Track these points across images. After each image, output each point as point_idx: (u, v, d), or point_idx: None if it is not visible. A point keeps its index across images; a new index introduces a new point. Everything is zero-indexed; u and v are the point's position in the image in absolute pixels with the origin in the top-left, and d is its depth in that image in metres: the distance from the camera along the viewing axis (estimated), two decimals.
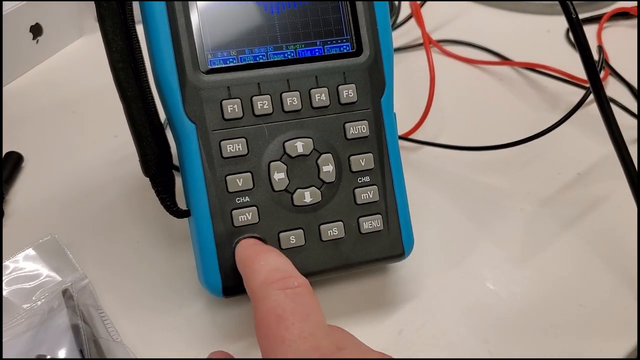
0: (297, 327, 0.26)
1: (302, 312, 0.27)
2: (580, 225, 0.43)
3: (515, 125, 0.52)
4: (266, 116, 0.33)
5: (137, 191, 0.44)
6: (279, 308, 0.27)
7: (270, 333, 0.26)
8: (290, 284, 0.28)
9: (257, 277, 0.28)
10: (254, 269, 0.29)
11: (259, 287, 0.28)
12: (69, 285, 0.35)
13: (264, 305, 0.27)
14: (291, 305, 0.27)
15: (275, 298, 0.27)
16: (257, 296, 0.28)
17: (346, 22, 0.35)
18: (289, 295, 0.27)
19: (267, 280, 0.28)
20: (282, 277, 0.28)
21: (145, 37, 0.34)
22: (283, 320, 0.26)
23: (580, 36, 0.34)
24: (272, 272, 0.28)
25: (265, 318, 0.27)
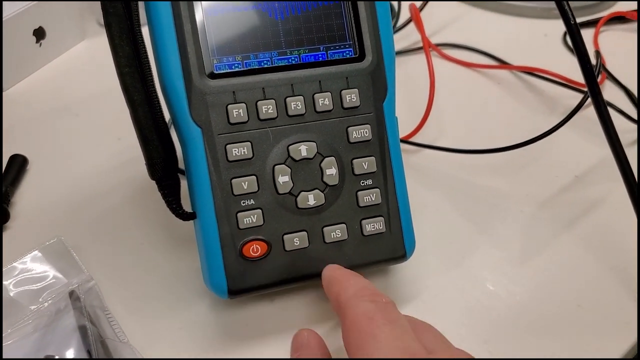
0: (388, 327, 0.27)
1: (391, 318, 0.28)
2: (578, 227, 0.44)
3: (513, 128, 0.53)
4: (271, 120, 0.34)
5: (140, 193, 0.44)
6: (369, 312, 0.28)
7: (361, 331, 0.27)
8: (379, 299, 0.29)
9: (348, 292, 0.30)
10: (345, 286, 0.31)
11: (350, 298, 0.30)
12: (75, 287, 0.36)
13: (355, 311, 0.29)
14: (380, 312, 0.28)
15: (365, 306, 0.29)
16: (347, 305, 0.29)
17: (349, 28, 0.35)
18: (378, 305, 0.29)
19: (357, 294, 0.30)
20: (372, 293, 0.30)
21: (151, 42, 0.34)
22: (374, 321, 0.28)
23: (578, 42, 0.35)
24: (362, 289, 0.30)
25: (356, 321, 0.28)
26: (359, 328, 0.28)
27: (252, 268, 0.34)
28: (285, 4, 0.34)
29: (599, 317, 0.37)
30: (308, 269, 0.34)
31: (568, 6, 0.34)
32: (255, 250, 0.34)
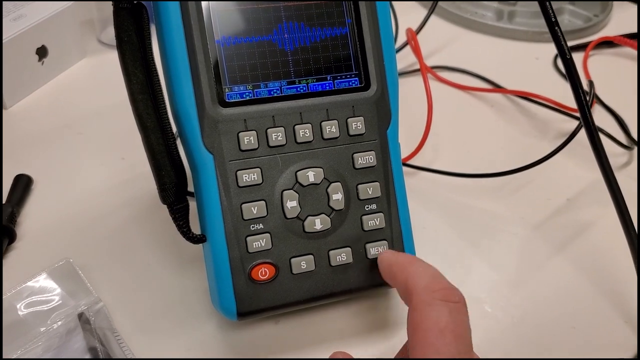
0: (454, 345, 0.28)
1: (459, 332, 0.29)
2: (571, 249, 0.45)
3: (506, 151, 0.54)
4: (280, 147, 0.35)
5: (146, 213, 0.45)
6: (441, 322, 0.29)
7: (428, 340, 0.28)
8: (452, 297, 0.30)
9: (420, 280, 0.31)
10: (414, 271, 0.32)
11: (423, 290, 0.30)
12: (84, 309, 0.36)
13: (429, 313, 0.29)
14: (452, 323, 0.29)
15: (439, 309, 0.29)
16: (421, 299, 0.30)
17: (355, 59, 0.37)
18: (451, 311, 0.29)
19: (430, 287, 0.30)
20: (444, 287, 0.30)
21: (163, 70, 0.35)
22: (443, 336, 0.28)
23: (573, 74, 0.36)
24: (433, 278, 0.31)
25: (427, 328, 0.29)
26: (426, 337, 0.29)
27: (260, 291, 0.35)
28: (295, 35, 0.36)
29: (593, 338, 0.39)
30: (314, 292, 0.35)
31: (564, 41, 0.36)
32: (264, 274, 0.35)
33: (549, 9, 0.35)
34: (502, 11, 0.72)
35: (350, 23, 0.36)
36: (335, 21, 0.36)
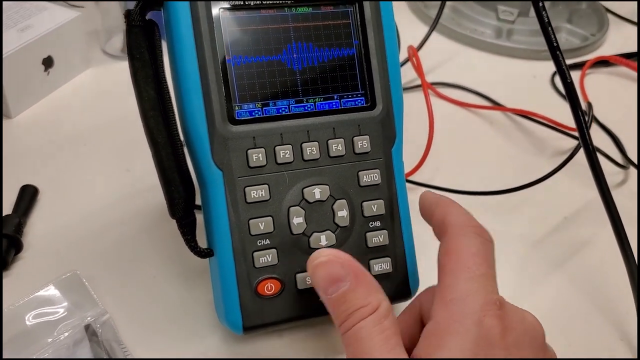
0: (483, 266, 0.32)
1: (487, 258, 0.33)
2: (568, 267, 0.46)
3: (505, 168, 0.55)
4: (287, 164, 0.36)
5: (151, 225, 0.46)
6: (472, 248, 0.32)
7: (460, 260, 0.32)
8: (484, 233, 0.33)
9: (458, 217, 0.34)
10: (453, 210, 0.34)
11: (459, 224, 0.33)
12: (91, 320, 0.37)
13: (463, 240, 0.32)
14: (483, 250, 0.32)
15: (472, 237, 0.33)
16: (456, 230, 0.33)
17: (361, 78, 0.37)
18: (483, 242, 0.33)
19: (466, 222, 0.33)
20: (478, 225, 0.33)
21: (174, 87, 0.36)
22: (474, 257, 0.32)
23: (574, 98, 0.37)
24: (468, 217, 0.34)
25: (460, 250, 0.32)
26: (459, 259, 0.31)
27: (266, 305, 0.35)
28: (303, 55, 0.36)
29: (589, 356, 0.40)
30: (319, 307, 0.35)
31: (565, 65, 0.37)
32: (270, 289, 0.35)
33: (551, 34, 0.36)
34: (501, 29, 0.73)
35: (357, 44, 0.37)
36: (342, 42, 0.37)
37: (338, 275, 0.31)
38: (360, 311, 0.30)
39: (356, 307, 0.30)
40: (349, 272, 0.31)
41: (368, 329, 0.30)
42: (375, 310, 0.30)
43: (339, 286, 0.31)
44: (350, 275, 0.31)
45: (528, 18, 0.74)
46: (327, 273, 0.31)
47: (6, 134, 0.53)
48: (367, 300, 0.30)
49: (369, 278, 0.32)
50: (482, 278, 0.31)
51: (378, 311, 0.30)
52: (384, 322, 0.30)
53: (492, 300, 0.30)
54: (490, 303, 0.30)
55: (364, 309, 0.30)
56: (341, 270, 0.31)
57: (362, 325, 0.30)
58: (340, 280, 0.31)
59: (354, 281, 0.31)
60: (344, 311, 0.31)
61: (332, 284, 0.31)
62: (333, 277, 0.31)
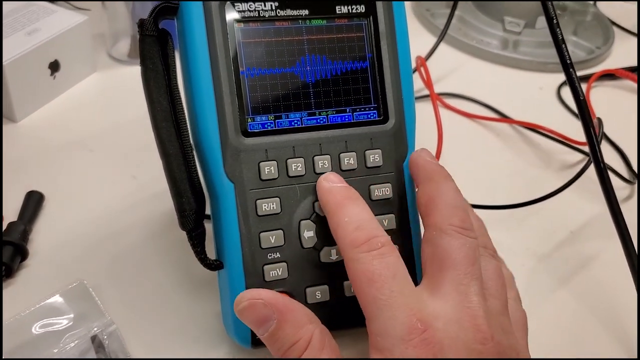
0: (387, 287, 0.30)
1: (389, 273, 0.30)
2: (574, 282, 0.46)
3: (512, 181, 0.55)
4: (299, 177, 0.36)
5: (158, 233, 0.45)
6: (368, 272, 0.30)
7: (363, 293, 0.30)
8: (374, 245, 0.31)
9: (344, 238, 0.32)
10: (339, 224, 0.32)
11: (348, 248, 0.31)
12: (97, 331, 0.36)
13: (355, 267, 0.31)
14: (379, 268, 0.30)
15: (364, 261, 0.31)
16: (347, 256, 0.31)
17: (374, 92, 0.37)
18: (375, 257, 0.30)
19: (353, 243, 0.31)
20: (367, 238, 0.31)
21: (186, 98, 0.36)
22: (373, 282, 0.30)
23: (586, 115, 0.37)
24: (356, 232, 0.32)
25: (358, 280, 0.30)
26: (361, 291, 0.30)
27: None
28: (317, 68, 0.36)
29: None
30: (328, 322, 0.35)
31: (579, 84, 0.37)
32: None
33: (564, 50, 0.36)
34: (507, 40, 0.73)
35: (371, 57, 0.37)
36: (356, 55, 0.37)
37: (263, 316, 0.31)
38: (294, 349, 0.30)
39: (288, 344, 0.31)
40: (273, 310, 0.31)
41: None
42: (309, 343, 0.30)
43: (266, 327, 0.31)
44: (275, 314, 0.31)
45: (534, 30, 0.74)
46: (252, 316, 0.32)
47: (11, 138, 0.53)
48: (298, 336, 0.31)
49: (296, 311, 0.32)
50: (397, 299, 0.29)
51: (312, 344, 0.30)
52: (322, 354, 0.30)
53: (412, 326, 0.29)
54: (411, 330, 0.28)
55: (297, 345, 0.30)
56: (264, 310, 0.31)
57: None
58: (266, 320, 0.31)
59: (280, 318, 0.31)
60: (279, 349, 0.31)
61: (260, 326, 0.31)
62: (259, 319, 0.31)
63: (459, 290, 0.30)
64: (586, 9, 0.82)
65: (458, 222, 0.32)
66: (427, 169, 0.35)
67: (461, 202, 0.34)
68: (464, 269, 0.31)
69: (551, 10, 0.35)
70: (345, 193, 0.34)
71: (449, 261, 0.31)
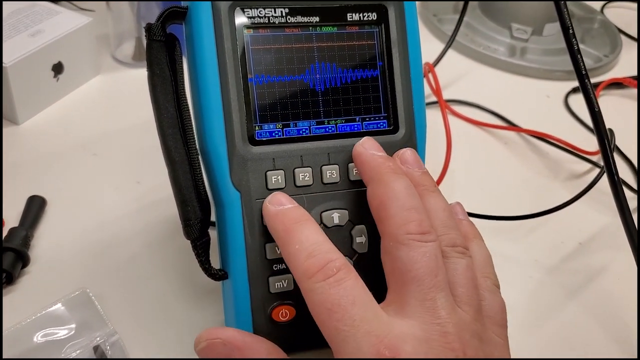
0: (348, 317, 0.28)
1: (348, 301, 0.28)
2: (583, 295, 0.45)
3: (519, 191, 0.54)
4: (306, 187, 0.35)
5: (161, 241, 0.45)
6: (327, 302, 0.28)
7: (325, 325, 0.28)
8: (329, 272, 0.29)
9: (297, 268, 0.30)
10: (291, 253, 0.30)
11: (302, 279, 0.29)
12: (100, 341, 0.36)
13: (312, 299, 0.29)
14: (337, 297, 0.28)
15: (320, 291, 0.29)
16: (303, 287, 0.30)
17: (384, 101, 0.37)
18: (332, 285, 0.28)
19: (307, 273, 0.29)
20: (320, 266, 0.29)
21: (193, 105, 0.35)
22: (333, 313, 0.28)
23: (600, 127, 0.37)
24: (308, 260, 0.29)
25: (317, 312, 0.29)
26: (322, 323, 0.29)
27: (279, 332, 0.34)
28: (326, 76, 0.35)
29: None
30: None
31: (594, 94, 0.36)
32: (284, 315, 0.34)
33: (580, 61, 0.36)
34: (514, 47, 0.72)
35: (381, 66, 0.36)
36: (367, 63, 0.36)
37: (223, 355, 0.31)
38: None
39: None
40: (232, 348, 0.31)
41: None
42: None
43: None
44: (235, 351, 0.31)
45: (541, 37, 0.74)
46: (213, 355, 0.31)
47: (13, 141, 0.52)
48: None
49: (255, 349, 0.31)
50: (361, 327, 0.28)
51: None
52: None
53: (380, 353, 0.27)
54: (380, 357, 0.27)
55: None
56: (223, 349, 0.31)
57: None
58: (228, 357, 0.31)
59: (239, 355, 0.31)
60: None
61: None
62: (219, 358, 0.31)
63: (425, 307, 0.29)
64: (593, 16, 0.81)
65: (414, 228, 0.30)
66: (373, 165, 0.33)
67: (415, 202, 0.31)
68: (427, 283, 0.29)
69: (567, 19, 0.35)
70: (294, 216, 0.32)
71: (410, 275, 0.29)
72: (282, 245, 0.31)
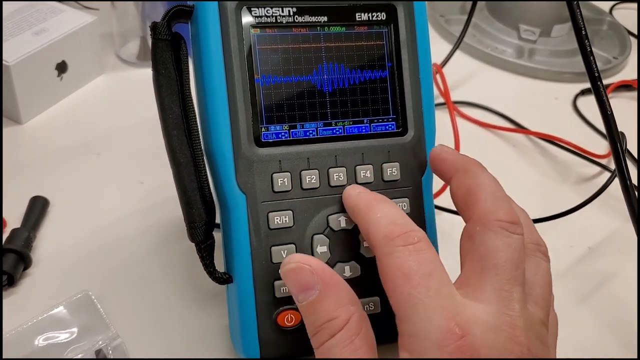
0: (423, 285, 0.27)
1: (426, 270, 0.28)
2: (593, 301, 0.44)
3: (528, 195, 0.53)
4: (313, 190, 0.34)
5: (163, 244, 0.44)
6: (404, 267, 0.28)
7: (397, 290, 0.28)
8: (411, 239, 0.29)
9: (378, 232, 0.30)
10: (372, 221, 0.30)
11: (382, 242, 0.29)
12: (102, 345, 0.35)
13: (389, 262, 0.29)
14: (415, 264, 0.28)
15: (399, 255, 0.28)
16: (381, 251, 0.29)
17: (393, 103, 0.36)
18: (412, 252, 0.28)
19: (388, 236, 0.29)
20: (402, 232, 0.29)
21: (198, 106, 0.34)
22: (409, 279, 0.28)
23: (613, 131, 0.36)
24: (391, 226, 0.30)
25: (391, 276, 0.28)
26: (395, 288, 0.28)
27: (285, 337, 0.34)
28: (334, 76, 0.35)
29: None
30: None
31: (606, 97, 0.35)
32: (290, 320, 0.34)
33: (592, 64, 0.35)
34: (522, 48, 0.72)
35: (390, 67, 0.36)
36: (375, 64, 0.36)
37: (307, 283, 0.29)
38: (328, 325, 0.28)
39: (324, 319, 0.29)
40: (317, 280, 0.29)
41: (338, 350, 0.28)
42: (345, 324, 0.28)
43: (307, 295, 0.29)
44: (319, 284, 0.29)
45: (550, 38, 0.73)
46: (296, 280, 0.30)
47: (16, 141, 0.52)
48: (336, 313, 0.29)
49: (340, 288, 0.30)
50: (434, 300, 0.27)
51: (348, 326, 0.28)
52: (355, 341, 0.28)
53: (450, 331, 0.26)
54: (448, 336, 0.26)
55: (333, 322, 0.28)
56: (310, 278, 0.29)
57: (331, 345, 0.28)
58: (309, 288, 0.29)
59: (323, 290, 0.29)
60: (313, 322, 0.29)
61: (301, 292, 0.29)
62: (302, 285, 0.29)
63: (500, 296, 0.28)
64: (602, 17, 0.80)
65: (504, 216, 0.30)
66: (459, 160, 0.33)
67: (505, 194, 0.32)
68: (507, 274, 0.28)
69: (580, 21, 0.34)
70: (375, 196, 0.32)
71: (491, 263, 0.29)
72: (362, 217, 0.31)
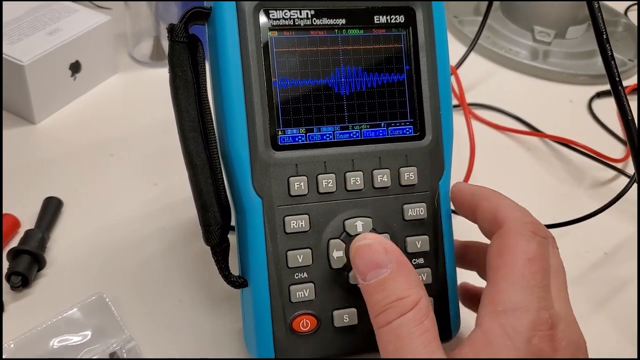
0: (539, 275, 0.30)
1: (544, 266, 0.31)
2: (610, 306, 0.44)
3: (543, 199, 0.53)
4: (329, 194, 0.34)
5: (178, 245, 0.44)
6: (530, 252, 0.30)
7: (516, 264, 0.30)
8: (541, 231, 0.32)
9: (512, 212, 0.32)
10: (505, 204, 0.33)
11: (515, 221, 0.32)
12: (117, 348, 0.35)
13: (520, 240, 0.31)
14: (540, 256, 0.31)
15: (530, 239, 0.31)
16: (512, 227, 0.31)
17: (411, 106, 0.36)
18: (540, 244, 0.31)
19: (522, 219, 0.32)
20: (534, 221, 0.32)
21: (215, 109, 0.34)
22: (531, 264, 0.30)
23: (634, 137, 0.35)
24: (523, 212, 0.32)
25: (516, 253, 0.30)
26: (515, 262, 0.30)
27: (300, 342, 0.34)
28: (352, 79, 0.35)
29: None
30: (356, 347, 0.34)
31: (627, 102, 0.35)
32: (305, 325, 0.34)
33: (613, 67, 0.34)
34: (537, 50, 0.71)
35: (408, 70, 0.35)
36: (393, 67, 0.35)
37: (379, 261, 0.30)
38: (399, 303, 0.29)
39: (394, 297, 0.29)
40: (391, 259, 0.29)
41: (409, 328, 0.28)
42: (416, 305, 0.29)
43: (378, 272, 0.29)
44: (393, 263, 0.29)
45: (564, 40, 0.72)
46: (369, 257, 0.30)
47: (29, 141, 0.52)
48: (408, 292, 0.29)
49: (411, 270, 0.30)
50: (536, 289, 0.29)
51: (418, 306, 0.29)
52: (425, 322, 0.28)
53: (544, 320, 0.28)
54: (542, 322, 0.28)
55: (404, 300, 0.29)
56: (384, 256, 0.30)
57: (402, 323, 0.28)
58: (381, 266, 0.29)
59: (396, 269, 0.29)
60: (381, 301, 0.29)
61: (371, 269, 0.29)
62: (374, 262, 0.30)
63: (566, 298, 0.32)
64: (617, 19, 0.79)
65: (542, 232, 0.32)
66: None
67: None
68: (563, 276, 0.33)
69: (601, 24, 0.34)
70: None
71: (561, 269, 0.33)
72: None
